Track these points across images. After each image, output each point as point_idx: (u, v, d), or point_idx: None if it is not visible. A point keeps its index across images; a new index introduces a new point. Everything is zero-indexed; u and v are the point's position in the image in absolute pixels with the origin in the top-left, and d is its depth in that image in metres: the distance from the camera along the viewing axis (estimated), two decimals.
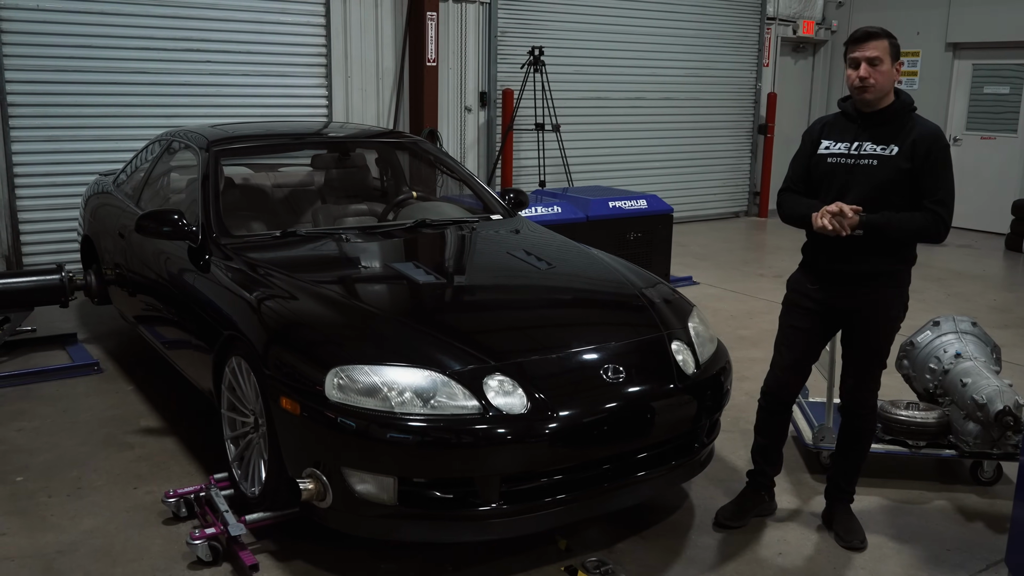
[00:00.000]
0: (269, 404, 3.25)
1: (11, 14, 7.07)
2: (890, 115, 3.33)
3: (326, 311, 3.49)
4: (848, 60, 3.33)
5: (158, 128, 6.74)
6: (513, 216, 4.99)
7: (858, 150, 3.33)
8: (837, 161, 3.36)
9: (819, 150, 3.42)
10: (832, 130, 3.44)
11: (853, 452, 3.59)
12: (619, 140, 10.86)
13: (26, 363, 5.50)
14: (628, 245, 7.28)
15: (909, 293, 3.46)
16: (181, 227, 4.18)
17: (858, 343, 3.46)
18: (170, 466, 4.11)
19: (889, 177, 3.27)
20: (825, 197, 3.35)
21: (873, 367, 3.49)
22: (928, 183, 3.26)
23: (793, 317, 3.54)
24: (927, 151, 3.25)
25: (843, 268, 3.36)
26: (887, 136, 3.31)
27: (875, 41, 3.27)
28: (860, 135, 3.34)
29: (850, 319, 3.44)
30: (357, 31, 8.80)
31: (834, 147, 3.39)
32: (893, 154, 3.27)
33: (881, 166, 3.28)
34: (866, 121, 3.35)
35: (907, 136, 3.28)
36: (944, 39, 11.43)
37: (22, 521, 3.61)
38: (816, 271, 3.46)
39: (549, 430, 3.05)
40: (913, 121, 3.33)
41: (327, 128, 6.45)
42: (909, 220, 3.26)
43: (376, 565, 3.31)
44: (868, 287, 3.36)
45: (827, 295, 3.43)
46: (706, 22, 11.33)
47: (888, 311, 3.41)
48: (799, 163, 3.52)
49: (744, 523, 3.61)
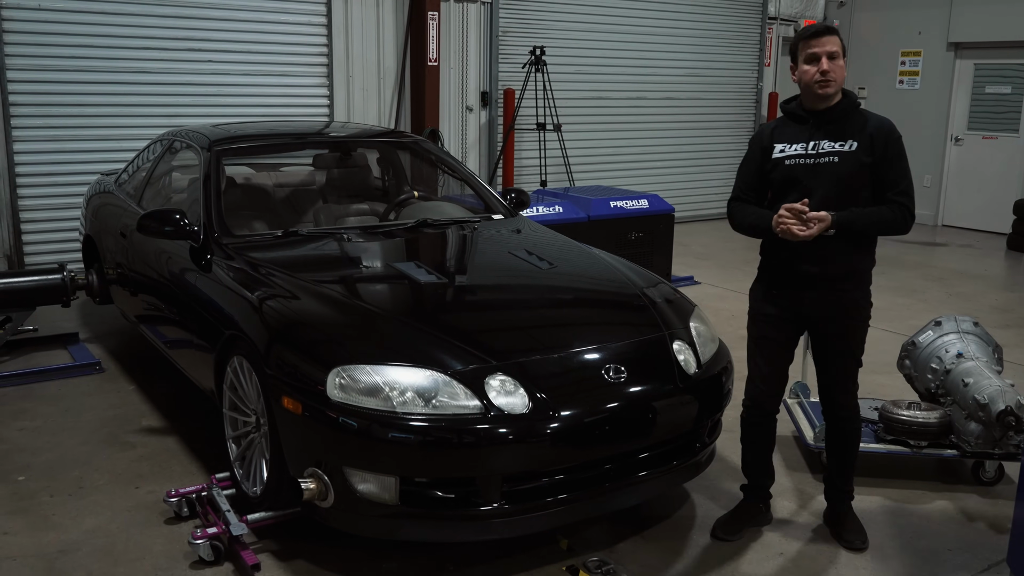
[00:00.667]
0: (271, 403, 3.25)
1: (13, 13, 7.08)
2: (841, 112, 3.32)
3: (328, 311, 3.49)
4: (804, 56, 3.28)
5: (160, 128, 6.74)
6: (514, 216, 4.99)
7: (816, 149, 3.30)
8: (797, 163, 3.32)
9: (774, 155, 3.36)
10: (783, 133, 3.39)
11: (845, 454, 3.58)
12: (620, 140, 10.86)
13: (28, 362, 5.50)
14: (629, 245, 7.28)
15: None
16: (183, 227, 4.18)
17: (834, 348, 3.43)
18: (172, 465, 4.11)
19: (852, 172, 3.26)
20: (785, 198, 3.31)
21: (851, 369, 3.47)
22: (891, 175, 3.27)
23: (762, 328, 3.50)
24: (885, 144, 3.26)
25: (815, 271, 3.32)
26: (842, 132, 3.29)
27: (832, 36, 3.27)
28: (815, 134, 3.31)
29: (820, 324, 3.41)
30: (358, 31, 8.81)
31: (790, 149, 3.34)
32: (853, 149, 3.26)
33: (843, 162, 3.27)
34: (818, 119, 3.32)
35: (862, 130, 3.28)
36: (946, 39, 11.42)
37: (24, 520, 3.61)
38: (783, 279, 3.41)
39: (550, 430, 3.05)
40: (864, 116, 3.33)
41: (328, 128, 6.45)
42: (877, 214, 3.27)
43: (378, 565, 3.31)
44: (839, 290, 3.34)
45: (794, 302, 3.39)
46: (708, 22, 11.33)
47: (860, 312, 3.40)
48: (749, 171, 3.46)
49: (740, 536, 3.59)
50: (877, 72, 12.20)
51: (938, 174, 11.73)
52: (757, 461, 3.66)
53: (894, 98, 12.06)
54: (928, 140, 11.74)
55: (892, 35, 11.93)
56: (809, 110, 3.35)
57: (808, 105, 3.35)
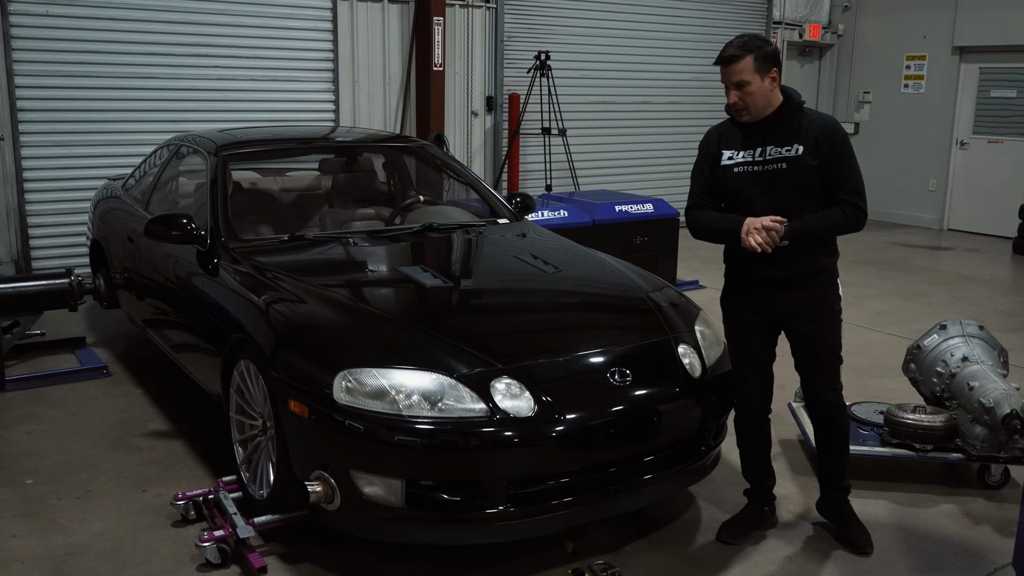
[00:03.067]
0: (277, 407, 3.26)
1: (21, 20, 7.12)
2: (784, 116, 3.31)
3: (334, 314, 3.50)
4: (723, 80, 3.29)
5: (167, 133, 6.77)
6: (520, 220, 5.00)
7: (763, 155, 3.30)
8: (745, 170, 3.32)
9: (723, 161, 3.35)
10: (730, 139, 3.38)
11: (837, 449, 3.57)
12: (625, 144, 10.87)
13: (35, 366, 5.53)
14: (634, 249, 7.28)
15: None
16: (190, 231, 4.20)
17: (811, 345, 3.43)
18: (178, 469, 4.13)
19: (801, 176, 3.26)
20: (737, 206, 3.33)
21: (833, 365, 3.48)
22: (839, 176, 3.27)
23: (740, 335, 3.51)
24: (830, 145, 3.25)
25: (781, 275, 3.33)
26: (787, 137, 3.28)
27: (737, 64, 3.22)
28: (760, 140, 3.31)
29: (794, 323, 3.41)
30: (364, 36, 8.83)
31: (738, 156, 3.34)
32: (799, 153, 3.26)
33: (791, 167, 3.26)
34: (763, 125, 3.32)
35: (806, 133, 3.27)
36: (951, 43, 11.41)
37: (32, 523, 3.63)
38: (751, 284, 3.41)
39: (556, 433, 3.06)
40: (808, 117, 3.32)
41: (334, 133, 6.47)
42: (829, 218, 3.27)
43: (384, 567, 3.32)
44: (806, 288, 3.35)
45: (765, 306, 3.40)
46: (712, 26, 11.33)
47: (831, 306, 3.42)
48: (702, 176, 3.45)
49: (746, 540, 3.59)
50: (882, 76, 12.20)
51: (943, 178, 11.72)
52: (756, 463, 3.67)
53: (899, 102, 12.06)
54: (933, 144, 11.74)
55: (897, 39, 11.92)
56: None
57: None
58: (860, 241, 9.66)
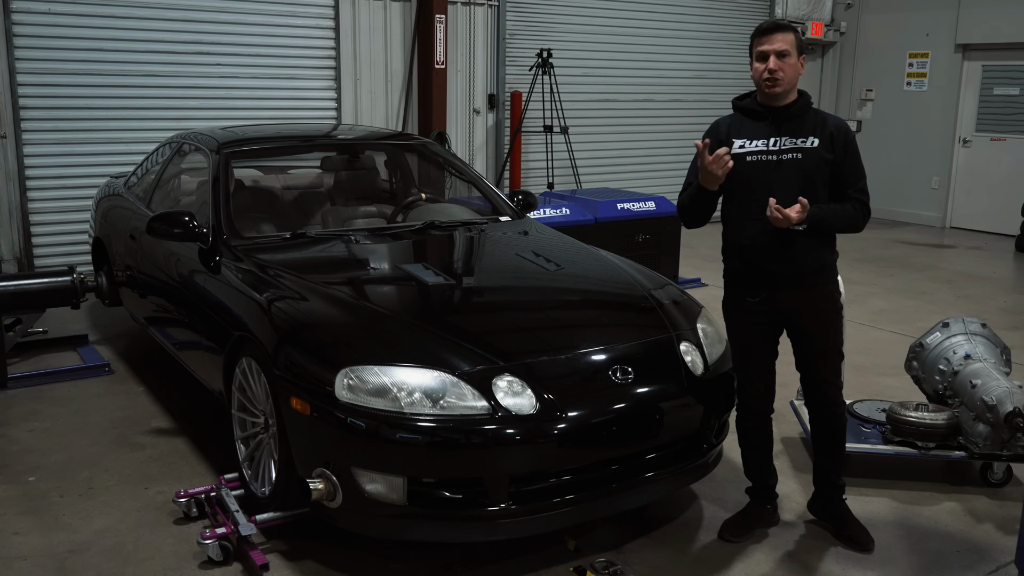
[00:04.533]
0: (279, 404, 3.26)
1: (23, 17, 7.12)
2: (799, 110, 3.34)
3: (336, 312, 3.50)
4: (755, 54, 3.30)
5: (169, 131, 6.77)
6: (522, 218, 5.00)
7: (778, 145, 3.31)
8: (759, 159, 3.32)
9: (734, 149, 3.33)
10: (741, 129, 3.38)
11: (836, 446, 3.58)
12: (628, 142, 10.86)
13: (38, 364, 5.53)
14: (637, 247, 7.28)
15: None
16: (192, 229, 4.21)
17: (816, 343, 3.44)
18: (181, 466, 4.13)
19: (815, 169, 3.29)
20: (748, 196, 3.33)
21: (836, 362, 3.50)
22: (851, 173, 3.32)
23: (742, 334, 3.51)
24: (844, 142, 3.31)
25: (786, 270, 3.33)
26: (802, 129, 3.31)
27: (783, 34, 3.26)
28: (775, 131, 3.32)
29: (799, 321, 3.41)
30: (366, 34, 8.83)
31: (750, 145, 3.34)
32: (815, 146, 3.28)
33: (806, 158, 3.28)
34: (777, 116, 3.32)
35: (822, 128, 3.31)
36: (953, 40, 11.39)
37: (35, 521, 3.63)
38: (754, 283, 3.40)
39: (558, 431, 3.06)
40: (820, 115, 3.37)
41: (336, 130, 6.47)
42: (842, 211, 3.32)
43: (385, 565, 3.32)
44: (810, 285, 3.36)
45: (769, 305, 3.39)
46: (714, 24, 11.32)
47: (834, 303, 3.44)
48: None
49: (747, 538, 3.59)
50: (884, 74, 12.18)
51: (946, 176, 11.71)
52: (758, 462, 3.67)
53: (902, 100, 12.04)
54: (936, 142, 11.72)
55: (899, 37, 11.90)
56: (765, 106, 3.34)
57: (764, 101, 3.35)
58: (862, 239, 9.65)
